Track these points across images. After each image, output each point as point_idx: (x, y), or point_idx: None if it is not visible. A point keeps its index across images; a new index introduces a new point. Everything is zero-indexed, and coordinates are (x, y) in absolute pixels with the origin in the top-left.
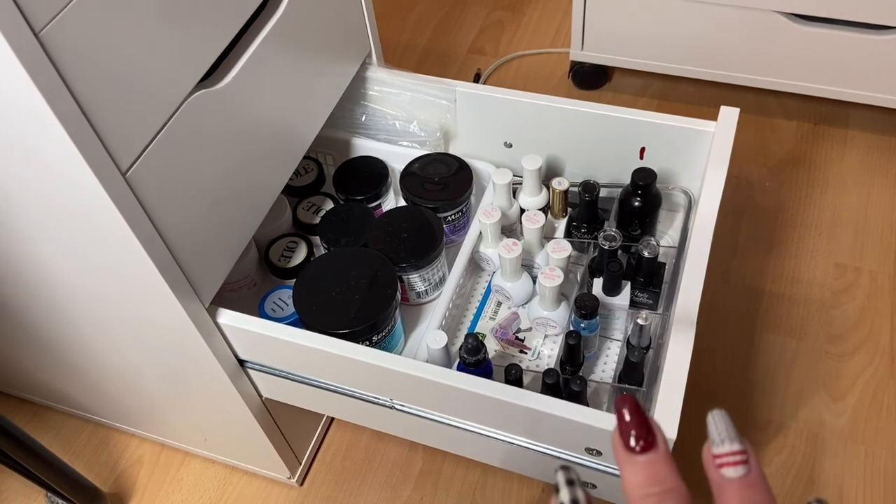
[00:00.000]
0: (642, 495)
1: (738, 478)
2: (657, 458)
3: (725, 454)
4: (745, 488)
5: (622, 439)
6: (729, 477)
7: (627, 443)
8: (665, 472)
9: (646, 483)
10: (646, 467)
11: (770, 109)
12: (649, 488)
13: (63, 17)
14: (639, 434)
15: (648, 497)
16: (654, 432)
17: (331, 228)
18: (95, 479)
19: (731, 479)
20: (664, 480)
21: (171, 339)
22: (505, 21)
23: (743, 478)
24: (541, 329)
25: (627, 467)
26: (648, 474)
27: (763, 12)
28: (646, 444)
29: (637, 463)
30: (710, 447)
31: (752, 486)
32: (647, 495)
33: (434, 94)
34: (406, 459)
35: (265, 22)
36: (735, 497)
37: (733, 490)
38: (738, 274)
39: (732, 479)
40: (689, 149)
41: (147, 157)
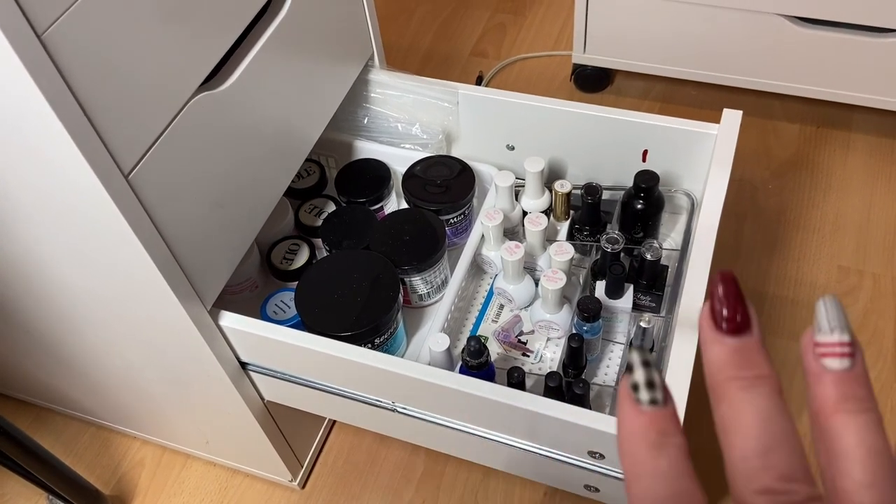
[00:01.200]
0: (729, 377)
1: (842, 370)
2: (751, 342)
3: (833, 343)
4: (847, 381)
5: (713, 317)
6: (832, 368)
7: (719, 322)
8: (758, 358)
9: (735, 365)
10: (736, 350)
11: (773, 112)
12: (739, 370)
13: (65, 19)
14: (732, 313)
15: (737, 380)
16: (749, 315)
17: (333, 231)
18: (97, 482)
19: (834, 370)
20: (756, 365)
21: (173, 341)
22: (507, 24)
23: (847, 370)
24: (543, 332)
25: (715, 347)
26: (739, 357)
27: (766, 15)
28: (740, 326)
29: (726, 344)
30: (812, 334)
31: (855, 380)
32: (735, 378)
33: (436, 97)
34: (408, 462)
35: (268, 24)
36: (834, 388)
37: (833, 381)
38: (741, 277)
39: (835, 370)
40: (692, 151)
41: (149, 159)
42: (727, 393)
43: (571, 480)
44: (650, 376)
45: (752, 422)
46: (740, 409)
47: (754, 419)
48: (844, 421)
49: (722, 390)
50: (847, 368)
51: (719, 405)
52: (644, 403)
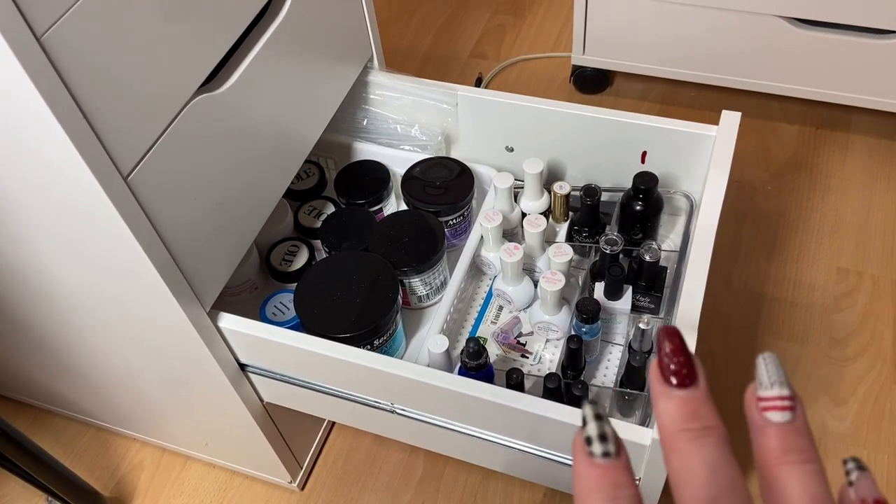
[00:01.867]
0: (678, 430)
1: (784, 422)
2: (697, 394)
3: (773, 398)
4: (789, 433)
5: (661, 371)
6: (774, 421)
7: (667, 376)
8: (705, 410)
9: (683, 418)
10: (685, 402)
11: (772, 113)
12: (686, 423)
13: (64, 21)
14: (679, 367)
15: (685, 432)
16: (695, 368)
17: (332, 232)
18: (96, 484)
19: (776, 423)
20: (704, 417)
21: (173, 342)
22: (506, 25)
23: (789, 423)
24: (542, 333)
25: (664, 401)
26: (687, 410)
27: (765, 16)
28: (686, 378)
29: (675, 397)
30: (755, 389)
31: (797, 433)
32: (683, 430)
33: (435, 98)
34: (407, 464)
35: (267, 26)
36: (777, 440)
37: (776, 433)
38: (740, 278)
39: (777, 423)
40: (691, 153)
41: (148, 161)
42: (677, 445)
43: (570, 482)
44: (602, 429)
45: (700, 472)
46: (689, 460)
47: (703, 470)
48: (788, 471)
49: (672, 442)
50: (788, 421)
51: (670, 458)
52: (597, 456)
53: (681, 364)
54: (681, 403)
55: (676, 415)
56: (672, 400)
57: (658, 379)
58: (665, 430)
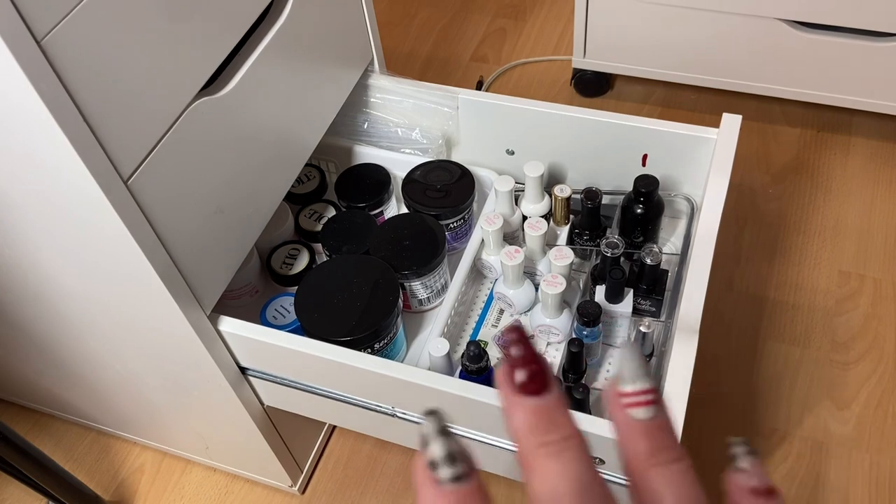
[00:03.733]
0: (536, 445)
1: (648, 419)
2: (551, 401)
3: (635, 393)
4: (654, 430)
5: (509, 379)
6: (638, 418)
7: (513, 381)
8: (562, 418)
9: (540, 429)
10: (538, 411)
11: (773, 116)
12: (545, 435)
13: (65, 25)
14: (530, 373)
15: (544, 447)
16: (546, 372)
17: (333, 236)
18: (97, 488)
19: (640, 420)
20: (561, 426)
21: (173, 346)
22: (507, 29)
23: (653, 419)
24: (543, 337)
25: (517, 411)
26: (543, 419)
27: (765, 19)
28: (538, 385)
29: (527, 406)
30: (616, 386)
31: (662, 429)
32: (542, 444)
33: (436, 102)
34: (408, 468)
35: (267, 30)
36: (643, 438)
37: (641, 431)
38: (742, 281)
39: (642, 420)
40: (692, 156)
41: (149, 165)
42: (536, 463)
43: None
44: (450, 448)
45: (563, 491)
46: (554, 480)
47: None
48: (658, 473)
49: (531, 460)
50: (651, 417)
51: (532, 478)
52: (445, 483)
53: (531, 369)
54: (534, 412)
55: (531, 426)
56: (524, 410)
57: (508, 388)
58: (522, 446)
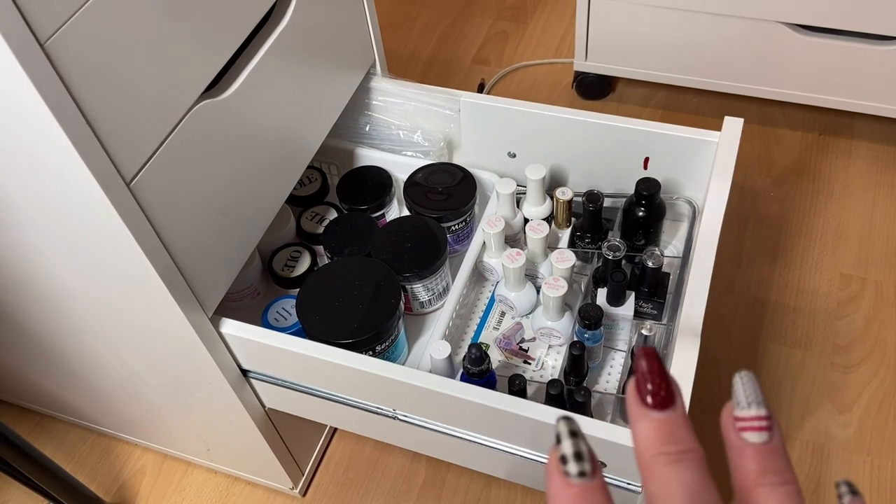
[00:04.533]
0: (656, 453)
1: (760, 443)
2: (675, 417)
3: (751, 418)
4: (766, 454)
5: (638, 392)
6: (751, 441)
7: (644, 397)
8: (683, 433)
9: (661, 440)
10: (662, 424)
11: (774, 119)
12: (665, 446)
13: (68, 27)
14: (657, 388)
15: (662, 456)
16: (673, 390)
17: (334, 238)
18: (98, 489)
19: (753, 444)
20: (682, 440)
21: (174, 348)
22: (509, 31)
23: (766, 443)
24: (545, 339)
25: (642, 423)
26: (665, 432)
27: (767, 23)
28: (664, 400)
29: (652, 419)
30: (731, 409)
31: (774, 453)
32: (661, 454)
33: (438, 105)
34: (409, 470)
35: (269, 32)
36: (754, 461)
37: (753, 454)
38: (743, 284)
39: (754, 444)
40: (693, 159)
41: (151, 167)
42: (654, 469)
43: None
44: (578, 448)
45: (679, 497)
46: (668, 485)
47: (682, 495)
48: (767, 493)
49: (649, 466)
50: (766, 441)
51: (648, 482)
52: (573, 476)
53: (658, 385)
54: (658, 426)
55: (654, 437)
56: (650, 421)
57: (635, 400)
58: (642, 454)
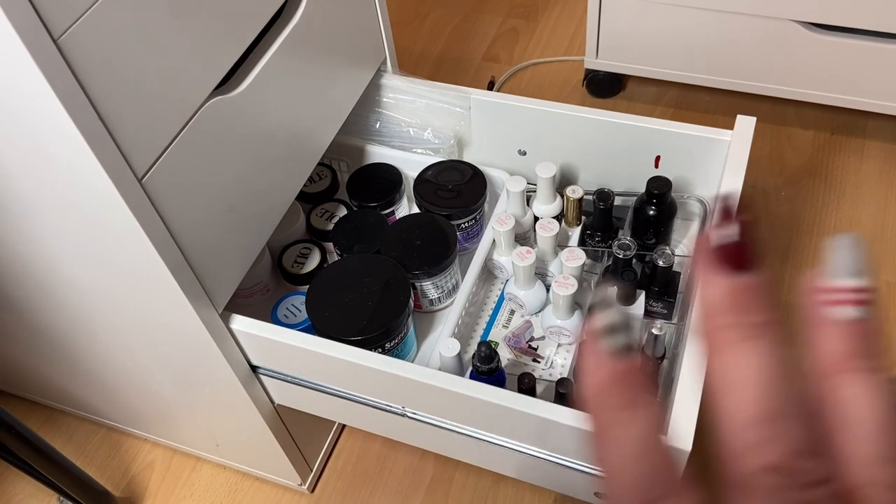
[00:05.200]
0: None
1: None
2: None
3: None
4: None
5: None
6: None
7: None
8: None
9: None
10: (735, 290)
11: (786, 119)
12: (737, 316)
13: (81, 23)
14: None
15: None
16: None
17: (344, 235)
18: (107, 483)
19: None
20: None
21: (185, 344)
22: (519, 29)
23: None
24: (554, 338)
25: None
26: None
27: (780, 21)
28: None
29: (725, 285)
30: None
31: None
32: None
33: (449, 102)
34: (417, 467)
35: (281, 29)
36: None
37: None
38: None
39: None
40: (705, 158)
41: (163, 163)
42: (722, 344)
43: (581, 488)
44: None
45: (752, 381)
46: (738, 364)
47: (756, 378)
48: (851, 379)
49: (716, 340)
50: (862, 318)
51: (712, 359)
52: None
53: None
54: (729, 291)
55: (725, 304)
56: (719, 286)
57: (706, 257)
58: (707, 325)
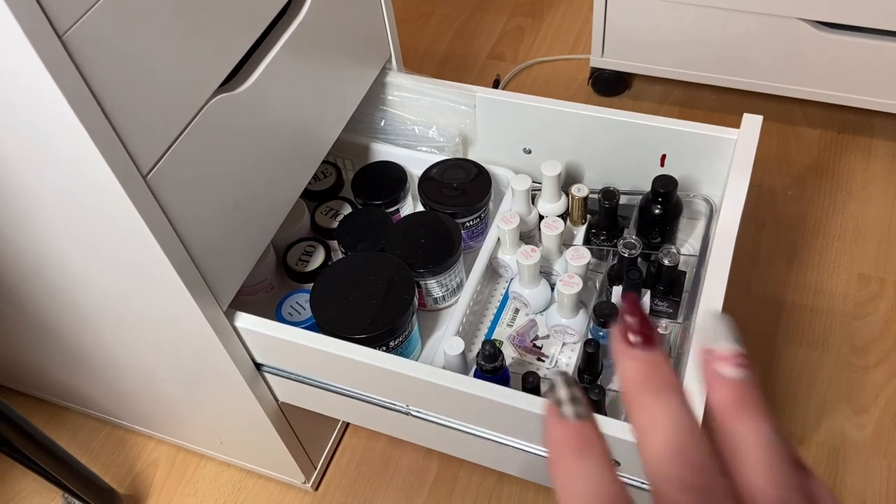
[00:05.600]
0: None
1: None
2: (659, 357)
3: (730, 354)
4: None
5: (622, 334)
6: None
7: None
8: (667, 370)
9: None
10: (646, 362)
11: (793, 117)
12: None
13: (86, 19)
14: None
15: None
16: (654, 333)
17: (349, 233)
18: (112, 481)
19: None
20: (666, 374)
21: (189, 342)
22: (525, 27)
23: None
24: (559, 337)
25: (627, 361)
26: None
27: (786, 19)
28: (647, 341)
29: (637, 357)
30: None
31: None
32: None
33: (454, 100)
34: (421, 466)
35: (286, 27)
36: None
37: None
38: (760, 284)
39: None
40: (711, 156)
41: (167, 160)
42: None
43: None
44: (573, 393)
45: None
46: (654, 413)
47: (667, 421)
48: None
49: (636, 399)
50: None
51: (634, 415)
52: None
53: (642, 326)
54: (643, 363)
55: (640, 372)
56: (634, 360)
57: (620, 341)
58: (628, 388)
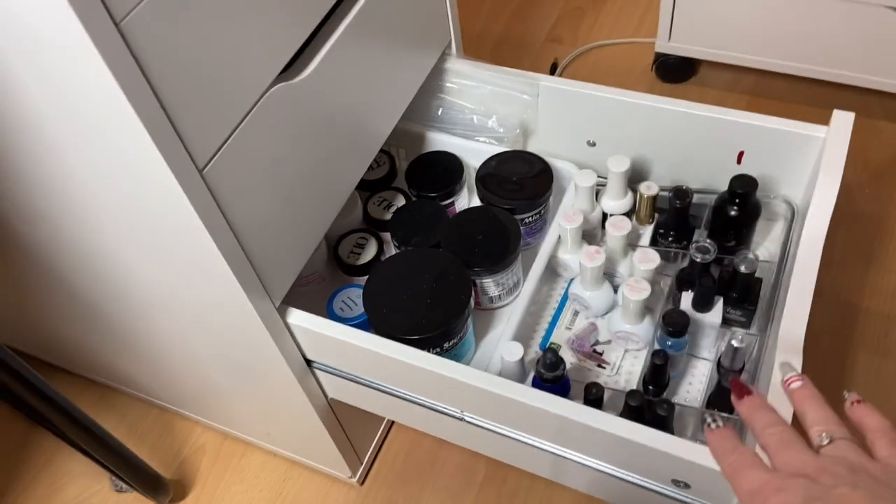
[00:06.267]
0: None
1: (798, 388)
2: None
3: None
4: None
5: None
6: (795, 388)
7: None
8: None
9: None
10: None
11: (872, 110)
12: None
13: (144, 6)
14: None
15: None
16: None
17: (402, 226)
18: (158, 465)
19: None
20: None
21: (241, 336)
22: (585, 7)
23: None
24: (622, 343)
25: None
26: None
27: (871, 6)
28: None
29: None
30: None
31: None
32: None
33: (515, 88)
34: (469, 465)
35: (346, 12)
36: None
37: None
38: (833, 288)
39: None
40: (794, 155)
41: (224, 154)
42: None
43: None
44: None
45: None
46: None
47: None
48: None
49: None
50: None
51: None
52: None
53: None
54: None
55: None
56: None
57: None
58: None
